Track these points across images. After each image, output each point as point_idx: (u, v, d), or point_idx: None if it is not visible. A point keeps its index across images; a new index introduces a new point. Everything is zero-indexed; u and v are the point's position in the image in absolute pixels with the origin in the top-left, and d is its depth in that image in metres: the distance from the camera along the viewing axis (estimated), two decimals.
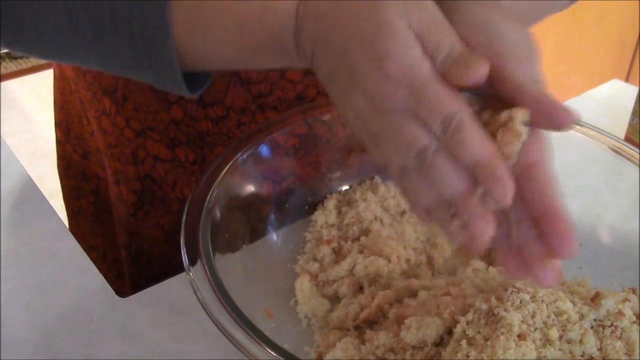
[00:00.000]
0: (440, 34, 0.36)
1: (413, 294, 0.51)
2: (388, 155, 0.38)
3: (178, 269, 0.58)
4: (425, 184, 0.37)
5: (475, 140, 0.35)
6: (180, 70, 0.41)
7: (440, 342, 0.45)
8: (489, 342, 0.42)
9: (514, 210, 0.37)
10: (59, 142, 0.81)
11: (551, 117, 0.35)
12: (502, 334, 0.42)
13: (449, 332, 0.45)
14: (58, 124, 0.80)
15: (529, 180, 0.36)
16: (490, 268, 0.55)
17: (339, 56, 0.37)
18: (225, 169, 0.52)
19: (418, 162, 0.36)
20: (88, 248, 0.67)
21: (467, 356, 0.42)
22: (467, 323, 0.44)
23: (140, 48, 0.40)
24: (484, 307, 0.44)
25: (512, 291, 0.45)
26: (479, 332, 0.42)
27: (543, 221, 0.36)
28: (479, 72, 0.35)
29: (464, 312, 0.45)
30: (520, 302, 0.44)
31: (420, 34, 0.36)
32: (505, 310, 0.43)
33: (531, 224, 0.37)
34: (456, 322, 0.45)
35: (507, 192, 0.34)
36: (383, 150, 0.38)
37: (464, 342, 0.42)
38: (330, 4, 0.38)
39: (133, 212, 0.70)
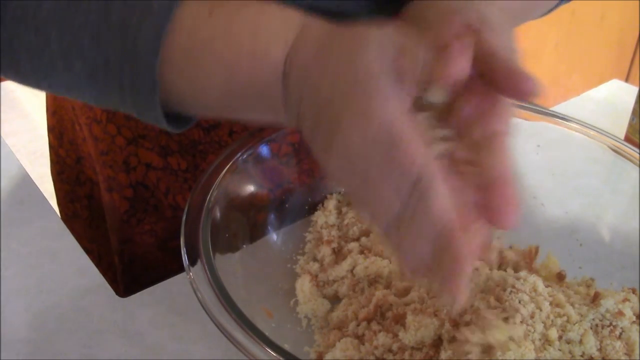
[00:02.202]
0: (415, 49, 0.35)
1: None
2: (369, 214, 0.37)
3: (172, 275, 0.58)
4: (405, 244, 0.36)
5: (436, 212, 0.34)
6: (165, 120, 0.41)
7: (439, 343, 0.45)
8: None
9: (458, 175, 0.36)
10: (52, 147, 0.81)
11: (517, 85, 0.34)
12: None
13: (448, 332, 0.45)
14: (51, 129, 0.80)
15: (484, 147, 0.35)
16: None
17: (320, 108, 0.36)
18: (225, 169, 0.52)
19: (395, 228, 0.35)
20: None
21: (467, 356, 0.42)
22: (466, 324, 0.44)
23: (128, 100, 0.41)
24: (483, 307, 0.44)
25: (512, 291, 0.45)
26: (478, 332, 0.42)
27: (490, 189, 0.35)
28: (457, 66, 0.34)
29: (462, 313, 0.45)
30: (520, 302, 0.44)
31: (396, 58, 0.35)
32: (505, 310, 0.43)
33: (474, 191, 0.35)
34: (455, 322, 0.45)
35: (456, 262, 0.34)
36: (363, 209, 0.37)
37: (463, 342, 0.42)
38: (314, 52, 0.37)
39: (126, 219, 0.70)
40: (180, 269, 0.44)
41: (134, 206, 0.69)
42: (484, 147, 0.36)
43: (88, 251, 0.80)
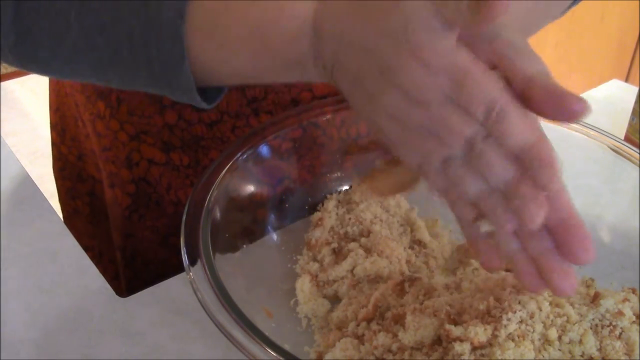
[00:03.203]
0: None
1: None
2: (427, 151, 0.37)
3: (173, 271, 0.58)
4: (472, 175, 0.36)
5: (519, 126, 0.34)
6: (196, 89, 0.41)
7: (439, 343, 0.45)
8: (487, 342, 0.42)
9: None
10: (54, 144, 0.81)
11: (564, 107, 0.34)
12: (500, 334, 0.42)
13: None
14: (53, 126, 0.80)
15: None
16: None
17: (366, 55, 0.36)
18: (225, 169, 0.52)
19: (465, 153, 0.36)
20: (84, 249, 0.67)
21: (472, 344, 0.42)
22: (465, 323, 0.44)
23: (157, 71, 0.40)
24: (482, 307, 0.44)
25: (511, 291, 0.45)
26: (477, 333, 0.42)
27: (560, 231, 0.36)
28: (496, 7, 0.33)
29: (461, 313, 0.45)
30: (519, 302, 0.44)
31: (438, 9, 0.35)
32: (504, 310, 0.43)
33: (546, 234, 0.36)
34: (454, 322, 0.45)
35: (552, 175, 0.34)
36: (421, 146, 0.37)
37: (472, 333, 0.42)
38: (349, 5, 0.37)
39: (128, 215, 0.70)
40: (181, 265, 0.44)
41: (136, 202, 0.69)
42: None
43: (88, 248, 0.81)
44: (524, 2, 0.47)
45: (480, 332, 0.42)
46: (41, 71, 0.45)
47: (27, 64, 0.44)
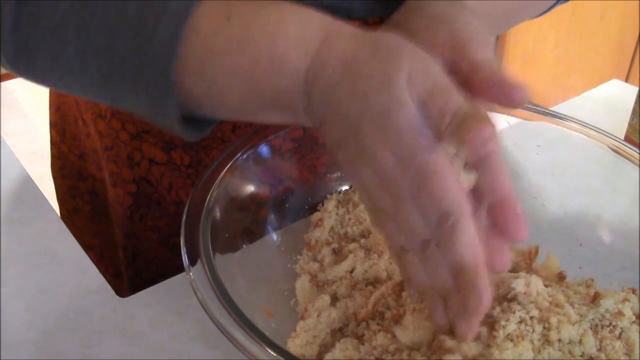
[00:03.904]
0: (443, 98, 0.36)
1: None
2: (390, 235, 0.38)
3: (175, 271, 0.58)
4: (420, 268, 0.38)
5: (463, 247, 0.35)
6: (180, 125, 0.41)
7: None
8: (485, 342, 0.42)
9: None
10: (54, 143, 0.81)
11: (504, 95, 0.36)
12: (499, 335, 0.42)
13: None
14: (53, 125, 0.80)
15: (482, 171, 0.36)
16: None
17: (349, 128, 0.37)
18: (225, 169, 0.52)
19: (419, 249, 0.37)
20: (85, 247, 0.67)
21: (464, 356, 0.42)
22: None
23: (143, 101, 0.41)
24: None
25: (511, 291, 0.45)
26: (470, 347, 0.42)
27: (497, 210, 0.37)
28: (485, 131, 0.35)
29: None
30: (519, 302, 0.44)
31: (425, 101, 0.36)
32: (503, 310, 0.43)
33: (483, 213, 0.37)
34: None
35: (480, 303, 0.36)
36: (386, 228, 0.38)
37: (465, 348, 0.42)
38: (341, 71, 0.37)
39: (129, 214, 0.70)
40: (182, 265, 0.44)
41: (137, 202, 0.69)
42: (479, 170, 0.36)
43: (89, 247, 0.81)
44: (500, 2, 0.47)
45: (472, 347, 0.42)
46: (38, 83, 0.45)
47: (25, 75, 0.44)
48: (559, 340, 0.43)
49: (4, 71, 0.45)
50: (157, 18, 0.38)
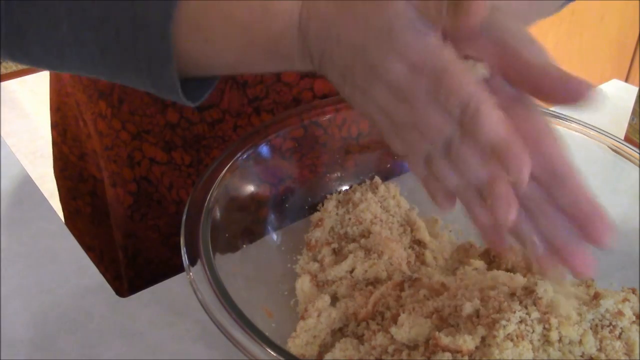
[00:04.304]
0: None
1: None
2: (412, 144, 0.38)
3: (175, 270, 0.58)
4: (450, 170, 0.38)
5: (490, 125, 0.35)
6: (180, 90, 0.41)
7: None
8: (485, 342, 0.42)
9: (539, 204, 0.37)
10: (55, 144, 0.81)
11: (575, 92, 0.35)
12: (499, 335, 0.42)
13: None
14: (54, 126, 0.80)
15: (555, 179, 0.36)
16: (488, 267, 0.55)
17: (354, 54, 0.38)
18: (225, 169, 0.52)
19: (444, 150, 0.37)
20: (85, 249, 0.67)
21: (461, 351, 0.42)
22: (460, 324, 0.44)
23: (143, 69, 0.41)
24: (478, 307, 0.44)
25: (500, 291, 0.45)
26: (465, 341, 0.42)
27: (579, 216, 0.36)
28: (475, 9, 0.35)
29: (456, 312, 0.45)
30: (520, 302, 0.44)
31: (421, 9, 0.36)
32: (503, 310, 0.43)
33: (561, 217, 0.37)
34: (446, 323, 0.45)
35: (522, 168, 0.35)
36: (406, 139, 0.38)
37: (460, 342, 0.42)
38: (335, 5, 0.38)
39: (130, 214, 0.70)
40: (183, 264, 0.44)
41: (138, 201, 0.69)
42: (553, 178, 0.36)
43: (90, 248, 0.81)
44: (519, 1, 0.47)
45: (468, 340, 0.42)
46: (31, 63, 0.45)
47: (17, 56, 0.44)
48: (559, 340, 0.43)
49: (4, 71, 0.45)
50: None
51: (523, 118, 0.37)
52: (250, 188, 0.57)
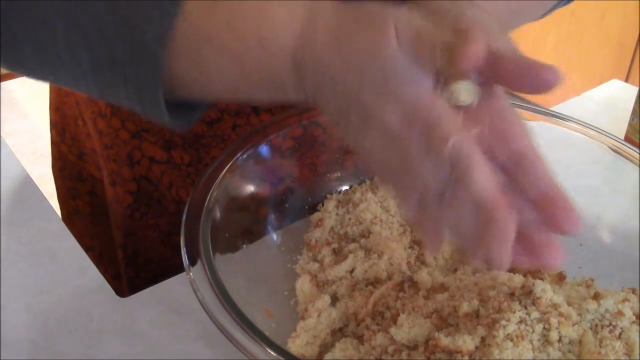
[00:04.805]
0: (430, 37, 0.36)
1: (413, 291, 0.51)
2: (405, 190, 0.38)
3: (175, 270, 0.58)
4: (443, 215, 0.37)
5: (479, 183, 0.35)
6: (167, 116, 0.42)
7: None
8: (485, 342, 0.42)
9: (511, 198, 0.37)
10: (54, 143, 0.81)
11: (536, 78, 0.35)
12: (499, 335, 0.42)
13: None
14: (53, 125, 0.80)
15: (520, 167, 0.36)
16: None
17: (348, 101, 0.38)
18: (225, 169, 0.52)
19: (436, 197, 0.37)
20: (84, 248, 0.67)
21: (460, 352, 0.42)
22: (459, 324, 0.44)
23: (132, 93, 0.41)
24: (476, 306, 0.44)
25: (500, 291, 0.45)
26: (465, 341, 0.42)
27: (543, 204, 0.36)
28: (473, 49, 0.35)
29: (456, 312, 0.45)
30: (520, 302, 0.44)
31: (414, 47, 0.36)
32: (502, 310, 0.43)
33: (530, 208, 0.37)
34: (446, 323, 0.45)
35: (505, 231, 0.35)
36: (400, 184, 0.38)
37: (460, 342, 0.42)
38: (331, 49, 0.38)
39: (129, 213, 0.70)
40: (182, 264, 0.44)
41: (138, 200, 0.69)
42: (518, 167, 0.36)
43: (89, 248, 0.81)
44: (506, 2, 0.47)
45: (468, 341, 0.42)
46: (29, 75, 0.46)
47: (14, 68, 0.45)
48: (559, 340, 0.43)
49: (4, 71, 0.46)
50: (148, 12, 0.38)
51: (491, 107, 0.37)
52: (250, 188, 0.57)
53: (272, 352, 0.39)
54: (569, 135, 0.59)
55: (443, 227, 0.38)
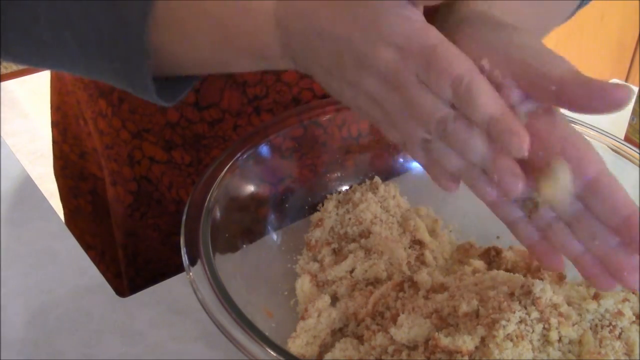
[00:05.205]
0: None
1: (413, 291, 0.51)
2: (407, 131, 0.38)
3: (175, 269, 0.58)
4: (449, 152, 0.37)
5: (484, 99, 0.35)
6: (154, 91, 0.41)
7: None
8: (485, 342, 0.42)
9: (588, 225, 0.37)
10: (55, 142, 0.81)
11: (607, 98, 0.34)
12: (499, 335, 0.42)
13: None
14: (55, 124, 0.80)
15: (598, 195, 0.36)
16: (489, 268, 0.55)
17: (339, 46, 0.37)
18: (225, 169, 0.52)
19: (439, 132, 0.37)
20: (86, 247, 0.67)
21: (460, 352, 0.42)
22: (459, 324, 0.44)
23: (119, 69, 0.41)
24: (476, 306, 0.44)
25: (499, 291, 0.45)
26: (465, 341, 0.42)
27: (625, 230, 0.36)
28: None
29: (455, 312, 0.45)
30: (520, 302, 0.44)
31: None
32: (502, 310, 0.43)
33: (608, 232, 0.37)
34: (446, 323, 0.45)
35: (522, 142, 0.34)
36: (402, 127, 0.38)
37: (459, 342, 0.42)
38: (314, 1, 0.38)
39: (130, 213, 0.70)
40: (182, 264, 0.44)
41: (138, 200, 0.69)
42: (593, 195, 0.36)
43: (90, 247, 0.81)
44: (530, 7, 0.47)
45: (467, 341, 0.42)
46: (17, 62, 0.46)
47: (4, 55, 0.44)
48: (559, 340, 0.43)
49: (4, 71, 0.45)
50: None
51: (558, 133, 0.36)
52: (250, 188, 0.57)
53: (272, 352, 0.39)
54: None
55: (453, 163, 0.38)
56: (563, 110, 0.37)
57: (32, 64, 0.45)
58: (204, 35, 0.41)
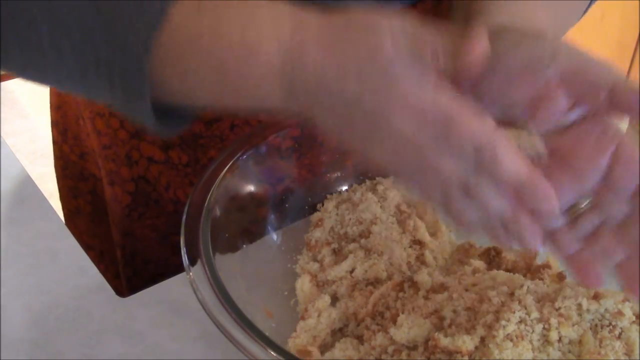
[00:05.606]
0: (430, 40, 0.36)
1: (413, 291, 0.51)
2: (427, 187, 0.38)
3: (173, 270, 0.58)
4: (469, 206, 0.37)
5: (511, 164, 0.34)
6: (153, 120, 0.41)
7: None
8: (485, 342, 0.42)
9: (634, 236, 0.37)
10: (55, 143, 0.81)
11: None
12: (498, 335, 0.42)
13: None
14: (55, 124, 0.80)
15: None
16: (489, 268, 0.55)
17: (349, 106, 0.36)
18: (225, 169, 0.52)
19: (460, 189, 0.36)
20: (85, 247, 0.67)
21: (460, 352, 0.42)
22: (459, 324, 0.44)
23: (119, 97, 0.40)
24: (476, 307, 0.44)
25: (500, 292, 0.45)
26: (464, 341, 0.42)
27: None
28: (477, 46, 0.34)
29: (456, 312, 0.45)
30: (520, 302, 0.44)
31: (414, 50, 0.36)
32: (502, 310, 0.43)
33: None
34: (446, 323, 0.45)
35: (553, 206, 0.35)
36: (422, 184, 0.38)
37: (459, 342, 0.42)
38: (324, 55, 0.37)
39: (128, 213, 0.70)
40: (181, 264, 0.44)
41: (136, 200, 0.69)
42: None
43: (90, 247, 0.81)
44: (546, 10, 0.47)
45: (467, 341, 0.42)
46: (19, 75, 0.45)
47: (6, 68, 0.44)
48: (559, 340, 0.43)
49: (4, 71, 0.45)
50: (132, 16, 0.38)
51: (614, 142, 0.37)
52: (250, 188, 0.57)
53: (272, 352, 0.39)
54: None
55: (473, 215, 0.37)
56: None
57: (36, 81, 0.45)
58: (204, 77, 0.40)
